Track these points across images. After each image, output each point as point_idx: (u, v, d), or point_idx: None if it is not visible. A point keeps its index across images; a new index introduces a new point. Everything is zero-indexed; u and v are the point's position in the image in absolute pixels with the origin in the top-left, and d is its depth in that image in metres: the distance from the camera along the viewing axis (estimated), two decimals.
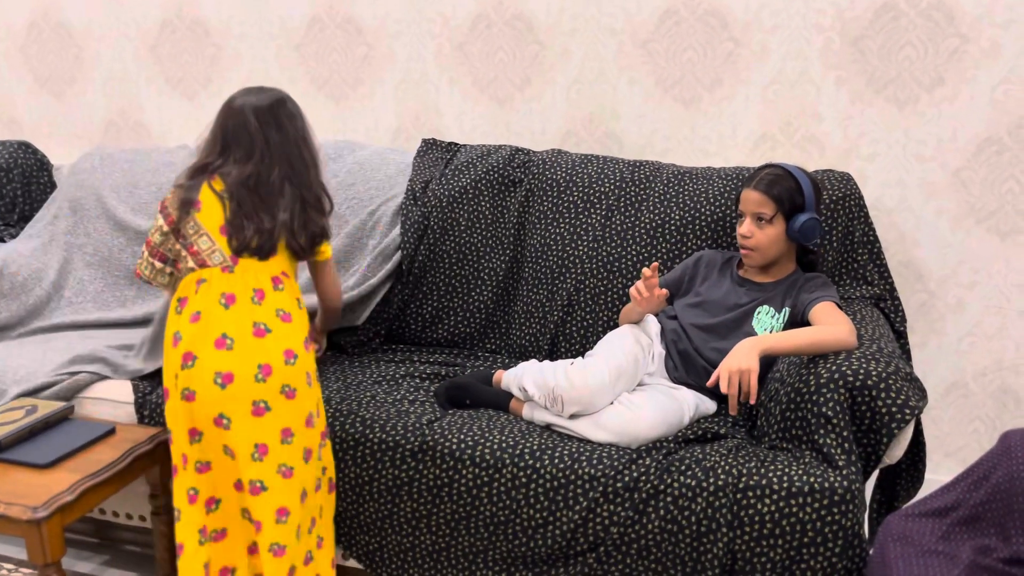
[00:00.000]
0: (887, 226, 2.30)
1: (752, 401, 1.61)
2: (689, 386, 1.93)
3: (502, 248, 2.30)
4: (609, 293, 2.19)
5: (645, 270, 1.86)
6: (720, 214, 2.16)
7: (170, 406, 1.61)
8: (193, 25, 2.77)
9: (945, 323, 2.32)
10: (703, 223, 2.17)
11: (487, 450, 1.72)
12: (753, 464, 1.62)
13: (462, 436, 1.75)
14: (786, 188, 1.90)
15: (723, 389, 1.63)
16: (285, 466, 1.58)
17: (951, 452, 2.39)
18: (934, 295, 2.32)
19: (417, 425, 1.79)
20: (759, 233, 1.91)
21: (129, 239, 2.51)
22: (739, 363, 1.63)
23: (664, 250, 2.18)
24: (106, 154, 2.67)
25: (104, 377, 2.03)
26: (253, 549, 1.63)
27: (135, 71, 2.88)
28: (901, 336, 2.09)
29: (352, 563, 1.91)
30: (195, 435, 1.58)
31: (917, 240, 2.30)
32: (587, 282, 2.21)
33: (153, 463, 1.86)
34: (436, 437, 1.76)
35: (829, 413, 1.61)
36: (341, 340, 2.23)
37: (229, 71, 2.77)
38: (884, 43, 2.21)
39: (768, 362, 1.92)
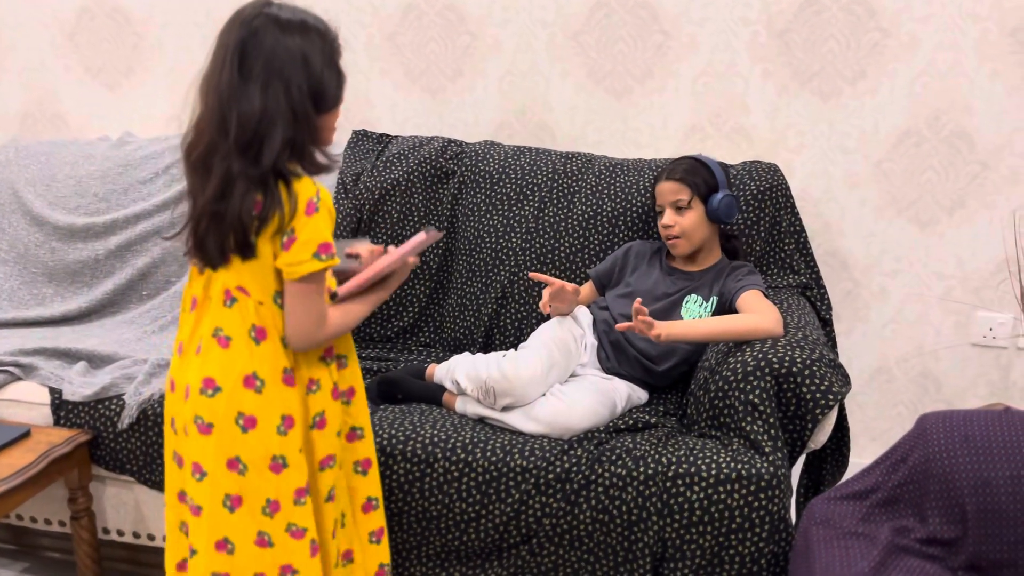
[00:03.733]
0: (813, 216, 2.34)
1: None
2: (621, 376, 1.94)
3: (435, 241, 2.28)
4: (543, 285, 2.19)
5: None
6: (650, 205, 2.17)
7: None
8: (113, 12, 2.68)
9: (869, 311, 2.38)
10: (634, 214, 2.18)
11: (419, 445, 1.70)
12: (682, 452, 1.63)
13: (393, 431, 1.73)
14: (697, 172, 1.94)
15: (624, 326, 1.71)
16: (192, 502, 1.41)
17: (876, 436, 2.46)
18: (859, 283, 2.37)
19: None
20: (681, 220, 1.94)
21: (47, 234, 2.42)
22: (657, 330, 1.68)
23: (596, 241, 2.19)
24: (22, 146, 2.57)
25: (18, 378, 1.95)
26: (182, 566, 1.52)
27: (52, 60, 2.77)
28: (827, 324, 2.14)
29: None
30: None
31: (842, 230, 2.35)
32: (521, 274, 2.21)
33: (71, 466, 1.79)
34: None
35: (755, 400, 1.63)
36: None
37: (151, 60, 2.69)
38: (808, 37, 2.25)
39: (698, 350, 1.95)
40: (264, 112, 1.26)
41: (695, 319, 1.90)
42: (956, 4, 2.14)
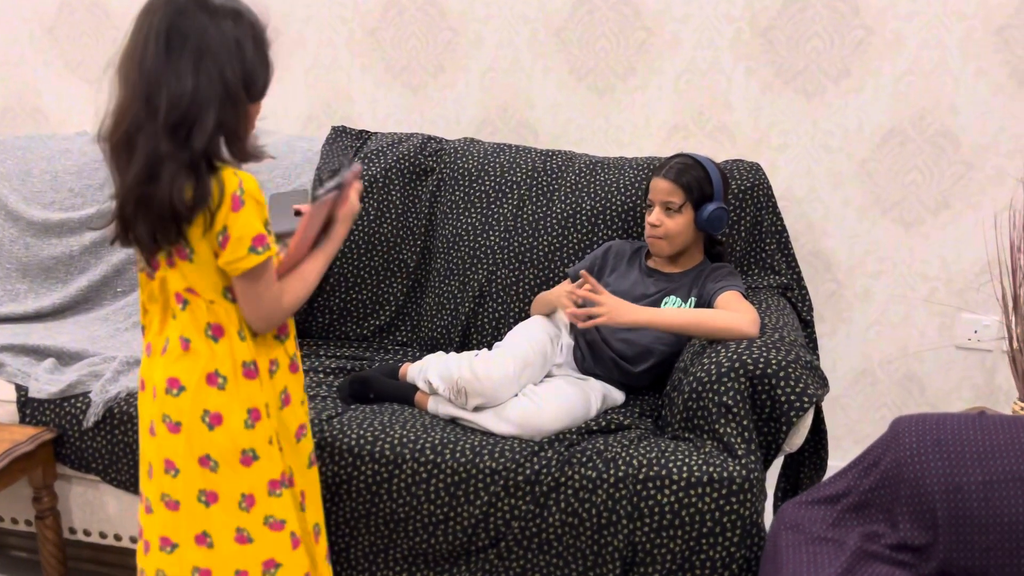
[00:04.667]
0: (796, 216, 2.32)
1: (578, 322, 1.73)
2: (598, 377, 1.92)
3: (413, 238, 2.25)
4: (521, 284, 2.16)
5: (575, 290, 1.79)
6: (631, 204, 2.15)
7: None
8: (92, 6, 2.65)
9: (853, 312, 2.35)
10: (614, 213, 2.15)
11: (387, 446, 1.67)
12: (654, 455, 1.60)
13: (362, 432, 1.70)
14: (695, 177, 1.90)
15: (572, 304, 1.75)
16: (169, 497, 1.37)
17: (859, 439, 2.43)
18: (842, 284, 2.34)
19: (316, 421, 1.73)
20: (668, 222, 1.90)
21: (21, 230, 2.38)
22: (611, 311, 1.70)
23: (575, 240, 2.16)
24: None
25: None
26: None
27: (32, 54, 2.74)
28: (808, 325, 2.11)
29: None
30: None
31: (826, 230, 2.32)
32: (499, 273, 2.18)
33: (35, 465, 1.76)
34: (335, 433, 1.70)
35: (729, 402, 1.60)
36: None
37: None
38: (792, 34, 2.22)
39: (675, 352, 1.92)
40: (196, 92, 1.22)
41: (664, 308, 1.87)
42: (941, 2, 2.11)
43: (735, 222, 2.11)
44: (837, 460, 2.39)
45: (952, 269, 2.27)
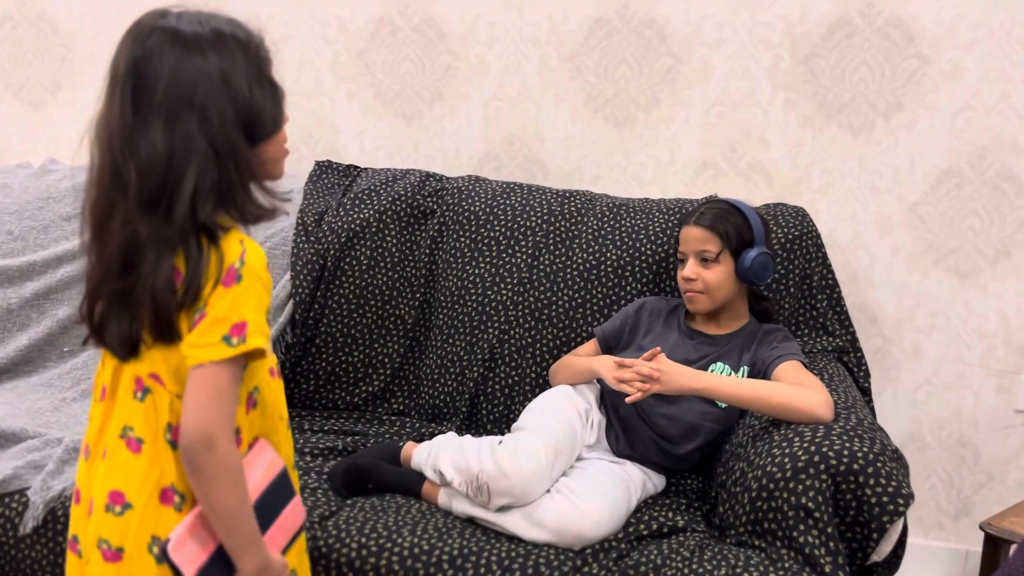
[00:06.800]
0: (840, 265, 2.08)
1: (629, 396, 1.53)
2: (634, 460, 1.65)
3: (411, 291, 1.97)
4: (538, 345, 1.89)
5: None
6: (662, 253, 1.89)
7: None
8: (38, 21, 2.33)
9: (901, 371, 2.12)
10: (643, 263, 1.89)
11: (395, 557, 1.38)
12: (723, 571, 1.33)
13: (363, 539, 1.40)
14: (731, 222, 1.66)
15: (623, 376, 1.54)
16: None
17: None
18: (889, 340, 2.11)
19: (307, 524, 1.43)
20: (705, 273, 1.65)
21: None
22: (667, 378, 1.51)
23: (600, 294, 1.89)
24: None
25: None
26: None
27: None
28: (865, 393, 1.87)
29: None
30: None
31: (871, 280, 2.09)
32: (512, 332, 1.90)
33: None
34: (331, 541, 1.40)
35: (810, 505, 1.34)
36: None
37: (82, 76, 2.34)
38: (837, 63, 1.99)
39: (723, 429, 1.66)
40: (171, 154, 0.97)
41: (724, 375, 1.61)
42: (1005, 30, 1.90)
43: (782, 276, 1.86)
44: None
45: (1012, 325, 2.04)
